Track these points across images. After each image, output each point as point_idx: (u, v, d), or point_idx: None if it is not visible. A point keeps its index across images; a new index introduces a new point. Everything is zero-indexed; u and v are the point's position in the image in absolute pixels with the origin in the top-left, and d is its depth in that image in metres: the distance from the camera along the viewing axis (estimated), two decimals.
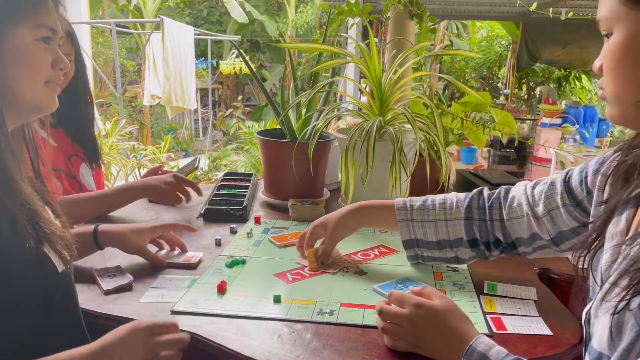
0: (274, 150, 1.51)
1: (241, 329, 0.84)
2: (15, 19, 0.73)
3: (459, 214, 1.01)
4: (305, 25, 9.78)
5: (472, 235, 1.00)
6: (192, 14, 10.53)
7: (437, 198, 1.05)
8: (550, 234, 0.93)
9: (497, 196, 1.01)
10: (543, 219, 0.93)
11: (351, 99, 1.57)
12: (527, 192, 0.97)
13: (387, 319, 0.80)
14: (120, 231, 1.08)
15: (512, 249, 1.01)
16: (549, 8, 3.97)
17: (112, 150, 4.24)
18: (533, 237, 0.96)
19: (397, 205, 1.05)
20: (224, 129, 9.96)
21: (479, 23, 10.30)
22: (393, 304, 0.81)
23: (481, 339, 0.73)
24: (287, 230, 1.32)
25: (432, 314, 0.77)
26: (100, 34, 8.47)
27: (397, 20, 1.82)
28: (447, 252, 1.03)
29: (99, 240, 1.06)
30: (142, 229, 1.10)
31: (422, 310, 0.78)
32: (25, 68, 0.75)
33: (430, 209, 1.03)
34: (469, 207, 1.01)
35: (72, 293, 0.83)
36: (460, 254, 1.03)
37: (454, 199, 1.03)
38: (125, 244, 1.07)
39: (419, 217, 1.03)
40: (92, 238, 1.06)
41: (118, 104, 5.28)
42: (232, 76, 10.42)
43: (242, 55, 1.68)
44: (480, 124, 1.58)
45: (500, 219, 0.99)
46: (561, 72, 8.83)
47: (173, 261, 1.10)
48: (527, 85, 9.18)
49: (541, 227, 0.94)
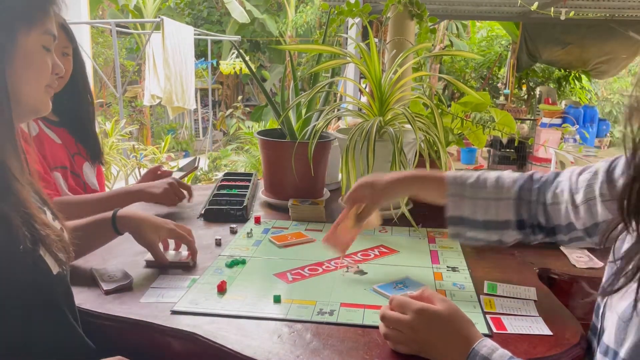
0: (274, 150, 1.51)
1: (241, 329, 0.84)
2: (28, 25, 0.76)
3: (510, 193, 0.96)
4: (305, 25, 9.78)
5: (520, 216, 0.96)
6: (192, 14, 10.53)
7: (490, 176, 0.99)
8: (586, 224, 0.88)
9: (546, 179, 0.96)
10: (580, 208, 0.87)
11: (351, 99, 1.58)
12: (572, 178, 0.91)
13: (390, 325, 0.80)
14: (140, 219, 1.07)
15: (552, 235, 0.96)
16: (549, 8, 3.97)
17: (112, 150, 4.24)
18: (569, 226, 0.92)
19: (449, 179, 1.00)
20: (224, 129, 9.96)
21: (478, 23, 10.30)
22: (394, 309, 0.81)
23: (484, 342, 0.73)
24: (287, 230, 1.32)
25: (435, 319, 0.77)
26: (100, 34, 8.46)
27: (397, 20, 1.82)
28: (491, 235, 0.98)
29: (117, 226, 1.06)
30: (161, 227, 1.08)
31: (424, 317, 0.77)
32: (33, 72, 0.78)
33: (482, 187, 0.97)
34: (521, 187, 0.96)
35: (68, 295, 0.83)
36: (505, 237, 0.98)
37: (507, 178, 0.97)
38: (141, 233, 1.06)
39: (470, 194, 0.97)
40: (111, 223, 1.05)
41: (118, 104, 5.28)
42: (232, 76, 10.42)
43: (242, 56, 1.68)
44: (480, 124, 1.58)
45: (544, 202, 0.94)
46: (561, 72, 8.83)
47: (171, 260, 1.10)
48: (527, 85, 9.18)
49: (577, 215, 0.88)
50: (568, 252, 1.20)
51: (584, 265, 1.13)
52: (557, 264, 1.13)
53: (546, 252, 1.19)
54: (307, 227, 1.35)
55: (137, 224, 1.06)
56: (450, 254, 1.18)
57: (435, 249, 1.21)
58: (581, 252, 1.20)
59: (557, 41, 7.32)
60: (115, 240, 1.13)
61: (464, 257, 1.16)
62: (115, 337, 0.88)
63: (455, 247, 1.22)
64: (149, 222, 1.08)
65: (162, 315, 0.88)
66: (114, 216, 1.06)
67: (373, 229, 1.33)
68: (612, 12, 6.62)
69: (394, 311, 0.80)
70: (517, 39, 7.70)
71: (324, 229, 1.34)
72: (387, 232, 1.32)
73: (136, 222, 1.06)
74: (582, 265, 1.13)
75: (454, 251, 1.19)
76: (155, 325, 0.85)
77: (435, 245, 1.23)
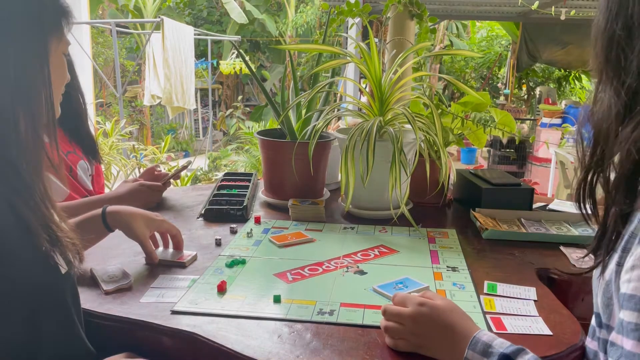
0: (274, 150, 1.51)
1: (241, 329, 0.84)
2: (60, 35, 0.80)
3: None
4: (305, 25, 9.78)
5: None
6: (192, 14, 10.53)
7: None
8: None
9: None
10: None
11: (351, 99, 1.58)
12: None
13: (391, 319, 0.81)
14: (130, 213, 1.08)
15: None
16: (549, 8, 3.97)
17: (112, 150, 4.24)
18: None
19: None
20: (224, 129, 9.96)
21: (478, 23, 10.30)
22: (397, 304, 0.82)
23: (484, 331, 0.75)
24: (287, 230, 1.32)
25: (435, 311, 0.78)
26: (100, 34, 8.46)
27: (397, 20, 1.82)
28: None
29: (107, 222, 1.06)
30: (153, 219, 1.10)
31: (425, 308, 0.79)
32: (60, 79, 0.82)
33: None
34: None
35: (75, 296, 0.83)
36: None
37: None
38: (131, 227, 1.06)
39: None
40: (101, 220, 1.05)
41: (118, 104, 5.28)
42: (232, 76, 10.41)
43: (242, 56, 1.68)
44: (480, 124, 1.58)
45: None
46: (561, 72, 8.83)
47: (166, 259, 1.10)
48: (527, 85, 9.18)
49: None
50: (568, 252, 1.20)
51: (584, 265, 1.13)
52: (557, 264, 1.13)
53: (546, 252, 1.19)
54: (307, 227, 1.35)
55: (127, 218, 1.06)
56: (450, 254, 1.18)
57: (435, 249, 1.21)
58: (581, 252, 1.20)
59: (557, 41, 7.31)
60: (115, 240, 1.13)
61: (464, 257, 1.16)
62: (115, 337, 0.88)
63: (455, 247, 1.22)
64: (139, 215, 1.08)
65: (162, 315, 0.88)
66: (104, 213, 1.06)
67: (373, 229, 1.33)
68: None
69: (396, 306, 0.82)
70: (517, 39, 7.70)
71: (324, 228, 1.34)
72: (387, 232, 1.32)
73: (126, 217, 1.07)
74: (582, 265, 1.13)
75: (454, 251, 1.19)
76: (155, 325, 0.85)
77: (435, 245, 1.23)
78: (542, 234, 1.28)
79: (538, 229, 1.32)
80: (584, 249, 1.22)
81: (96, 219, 1.05)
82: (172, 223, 1.14)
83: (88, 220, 1.06)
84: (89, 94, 5.24)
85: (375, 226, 1.36)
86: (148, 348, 0.87)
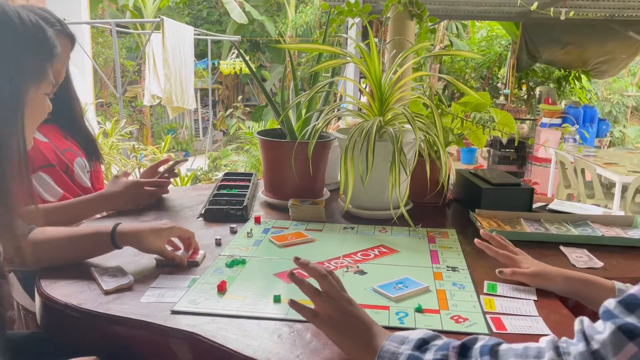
0: (274, 150, 1.51)
1: (241, 328, 0.84)
2: (40, 79, 0.81)
3: None
4: (305, 26, 9.78)
5: None
6: (192, 14, 10.53)
7: None
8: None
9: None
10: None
11: (351, 99, 1.58)
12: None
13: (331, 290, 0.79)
14: (138, 231, 1.06)
15: None
16: (549, 8, 3.97)
17: (112, 150, 4.24)
18: None
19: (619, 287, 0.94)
20: (224, 129, 9.96)
21: (478, 23, 10.29)
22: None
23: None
24: (287, 230, 1.32)
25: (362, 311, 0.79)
26: (100, 34, 8.46)
27: (397, 20, 1.82)
28: None
29: (116, 241, 1.05)
30: (161, 229, 1.08)
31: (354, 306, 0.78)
32: (34, 119, 0.84)
33: None
34: None
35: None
36: None
37: None
38: (144, 245, 1.06)
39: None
40: (110, 238, 1.05)
41: (118, 104, 5.27)
42: (232, 76, 10.41)
43: (242, 55, 1.68)
44: (480, 124, 1.58)
45: None
46: (561, 72, 8.82)
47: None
48: (527, 85, 9.17)
49: None
50: (568, 251, 1.20)
51: (583, 265, 1.13)
52: (557, 263, 1.13)
53: (546, 252, 1.19)
54: (307, 227, 1.35)
55: (137, 237, 1.06)
56: (450, 254, 1.18)
57: (435, 249, 1.21)
58: (581, 252, 1.20)
59: (557, 41, 7.31)
60: None
61: (463, 257, 1.16)
62: (116, 337, 0.88)
63: (455, 247, 1.22)
64: (149, 229, 1.07)
65: (162, 315, 0.88)
66: (113, 232, 1.05)
67: (373, 229, 1.33)
68: (612, 12, 6.62)
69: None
70: (517, 39, 7.69)
71: (324, 228, 1.34)
72: (387, 232, 1.33)
73: (136, 235, 1.06)
74: (582, 265, 1.13)
75: (454, 251, 1.20)
76: (155, 325, 0.85)
77: (435, 245, 1.23)
78: (542, 234, 1.28)
79: (538, 229, 1.32)
80: (584, 248, 1.22)
81: (105, 237, 1.05)
82: (183, 227, 1.12)
83: (96, 236, 1.06)
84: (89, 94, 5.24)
85: (375, 226, 1.36)
86: (148, 348, 0.87)
